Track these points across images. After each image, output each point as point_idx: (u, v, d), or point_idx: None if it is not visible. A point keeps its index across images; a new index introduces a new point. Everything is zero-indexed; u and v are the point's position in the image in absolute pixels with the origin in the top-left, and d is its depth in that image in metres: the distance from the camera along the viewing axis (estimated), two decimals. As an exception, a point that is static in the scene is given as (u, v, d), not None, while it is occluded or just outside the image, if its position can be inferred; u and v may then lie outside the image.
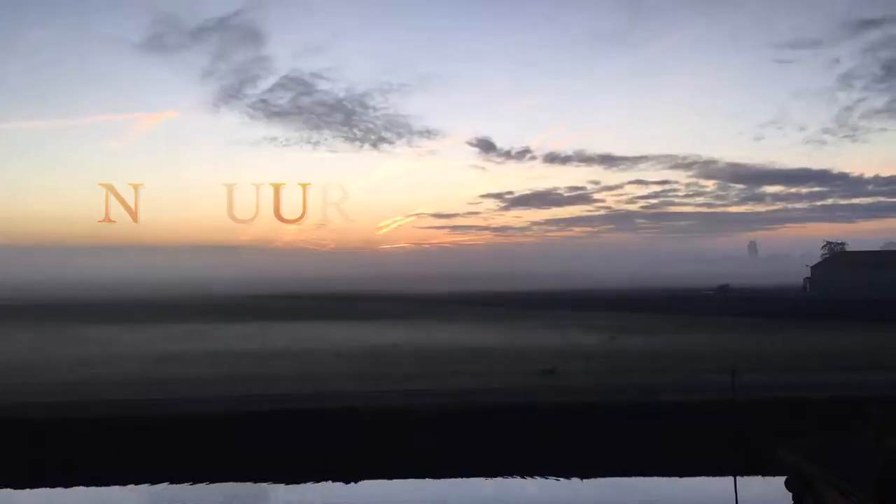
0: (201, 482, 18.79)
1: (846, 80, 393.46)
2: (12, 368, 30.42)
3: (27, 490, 19.02)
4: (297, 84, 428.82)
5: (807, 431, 14.40)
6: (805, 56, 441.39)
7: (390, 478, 19.52)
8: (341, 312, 70.91)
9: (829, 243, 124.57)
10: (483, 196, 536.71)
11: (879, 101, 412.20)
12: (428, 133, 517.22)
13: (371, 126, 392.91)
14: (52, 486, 19.14)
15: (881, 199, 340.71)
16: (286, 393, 23.90)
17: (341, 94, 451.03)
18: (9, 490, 18.66)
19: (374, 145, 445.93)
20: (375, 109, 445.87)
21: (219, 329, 50.96)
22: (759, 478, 18.75)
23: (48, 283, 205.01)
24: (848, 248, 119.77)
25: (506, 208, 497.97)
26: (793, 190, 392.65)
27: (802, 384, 24.01)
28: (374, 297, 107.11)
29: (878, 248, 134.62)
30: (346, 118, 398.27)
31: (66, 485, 19.08)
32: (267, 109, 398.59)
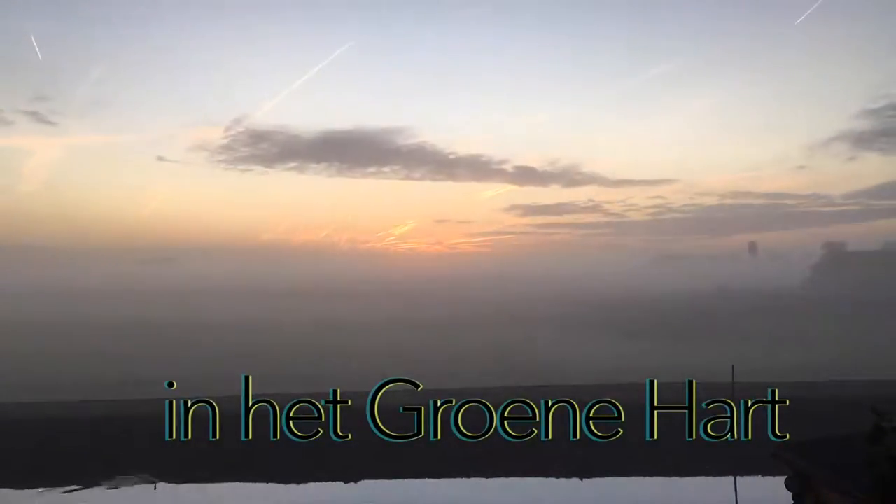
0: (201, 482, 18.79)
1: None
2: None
3: (27, 490, 18.99)
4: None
5: (807, 431, 14.37)
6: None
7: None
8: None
9: (829, 244, 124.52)
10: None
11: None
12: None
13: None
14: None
15: (880, 200, 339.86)
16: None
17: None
18: (9, 490, 18.65)
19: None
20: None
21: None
22: (759, 478, 18.73)
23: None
24: (848, 249, 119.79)
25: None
26: (792, 193, 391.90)
27: (803, 383, 24.01)
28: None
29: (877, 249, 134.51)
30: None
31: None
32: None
